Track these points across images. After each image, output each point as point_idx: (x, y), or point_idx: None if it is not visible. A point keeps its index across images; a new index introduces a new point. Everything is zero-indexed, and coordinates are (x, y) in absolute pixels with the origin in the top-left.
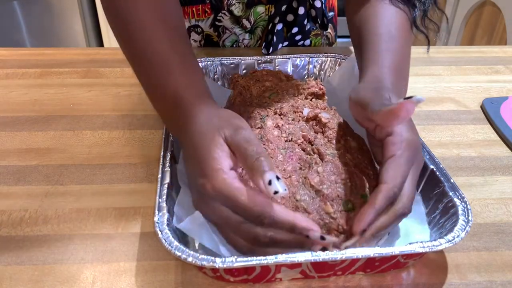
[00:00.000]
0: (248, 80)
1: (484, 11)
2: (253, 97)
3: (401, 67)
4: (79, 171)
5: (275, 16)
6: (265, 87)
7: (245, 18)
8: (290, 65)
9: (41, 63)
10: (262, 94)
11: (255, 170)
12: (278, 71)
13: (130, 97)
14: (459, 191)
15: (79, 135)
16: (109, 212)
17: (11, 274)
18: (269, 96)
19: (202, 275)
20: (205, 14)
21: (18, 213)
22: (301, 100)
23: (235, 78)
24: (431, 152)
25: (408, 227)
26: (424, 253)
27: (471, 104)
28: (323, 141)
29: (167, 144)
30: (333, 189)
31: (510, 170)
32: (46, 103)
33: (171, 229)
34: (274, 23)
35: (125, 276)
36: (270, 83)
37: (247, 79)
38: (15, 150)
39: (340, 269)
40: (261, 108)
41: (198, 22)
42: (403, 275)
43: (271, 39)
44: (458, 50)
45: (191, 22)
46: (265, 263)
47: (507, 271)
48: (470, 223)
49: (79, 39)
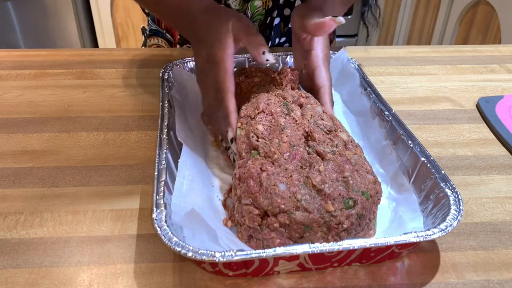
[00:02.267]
0: (238, 77)
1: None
2: (243, 93)
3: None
4: (74, 173)
5: (273, 10)
6: (254, 83)
7: (242, 12)
8: (281, 62)
9: (36, 65)
10: (251, 90)
11: (254, 43)
12: (267, 67)
13: (126, 98)
14: (450, 182)
15: (75, 136)
16: (105, 214)
17: (7, 278)
18: (256, 90)
19: (199, 276)
20: None
21: (13, 216)
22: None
23: None
24: (421, 144)
25: (402, 216)
26: (418, 242)
27: (467, 103)
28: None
29: (162, 143)
30: (334, 187)
31: (506, 169)
32: (41, 105)
33: (170, 226)
34: (272, 17)
35: (122, 278)
36: (259, 79)
37: (237, 76)
38: (10, 152)
39: (337, 261)
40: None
41: None
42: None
43: (269, 33)
44: (453, 49)
45: None
46: (264, 256)
47: (504, 270)
48: (462, 212)
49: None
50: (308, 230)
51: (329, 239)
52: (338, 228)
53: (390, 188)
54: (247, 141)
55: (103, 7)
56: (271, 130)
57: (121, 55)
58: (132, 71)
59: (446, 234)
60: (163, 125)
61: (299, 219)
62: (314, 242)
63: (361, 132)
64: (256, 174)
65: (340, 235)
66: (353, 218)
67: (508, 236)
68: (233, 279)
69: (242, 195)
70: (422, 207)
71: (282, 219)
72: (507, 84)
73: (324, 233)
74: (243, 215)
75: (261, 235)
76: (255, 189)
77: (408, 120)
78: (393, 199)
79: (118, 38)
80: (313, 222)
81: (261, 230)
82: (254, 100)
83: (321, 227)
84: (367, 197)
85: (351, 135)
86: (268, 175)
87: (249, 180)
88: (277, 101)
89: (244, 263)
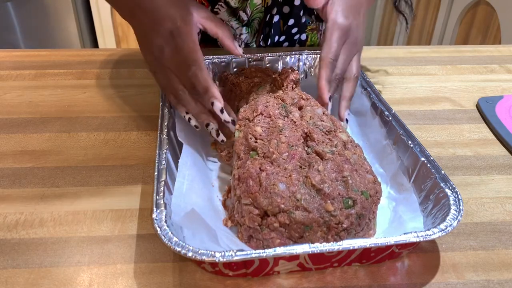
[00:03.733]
0: (238, 77)
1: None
2: (243, 93)
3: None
4: (75, 173)
5: (272, 7)
6: (254, 83)
7: (241, 9)
8: (281, 62)
9: (36, 65)
10: (251, 90)
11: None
12: (267, 67)
13: (126, 98)
14: (450, 182)
15: (75, 136)
16: (105, 214)
17: (7, 278)
18: (256, 91)
19: (199, 276)
20: None
21: (13, 216)
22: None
23: (224, 76)
24: (421, 144)
25: (402, 216)
26: (418, 242)
27: (467, 103)
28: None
29: (162, 143)
30: (334, 187)
31: (506, 169)
32: (41, 105)
33: (170, 226)
34: (272, 14)
35: (122, 278)
36: (259, 79)
37: (237, 76)
38: (10, 152)
39: (337, 261)
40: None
41: None
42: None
43: (268, 31)
44: (453, 49)
45: None
46: (264, 256)
47: (504, 270)
48: (462, 212)
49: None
50: (308, 229)
51: (329, 239)
52: (338, 228)
53: (390, 188)
54: (245, 143)
55: (103, 7)
56: (270, 131)
57: (121, 55)
58: (132, 71)
59: (446, 234)
60: (163, 125)
61: (299, 218)
62: (314, 242)
63: (361, 132)
64: (256, 174)
65: (340, 235)
66: (352, 217)
67: (508, 236)
68: (233, 279)
69: (242, 195)
70: (422, 207)
71: (282, 219)
72: (507, 84)
73: (324, 232)
74: (243, 215)
75: (261, 235)
76: (255, 189)
77: (408, 120)
78: (393, 199)
79: (118, 38)
80: (313, 222)
81: (261, 230)
82: (252, 103)
83: (321, 227)
84: (367, 197)
85: (351, 135)
86: (268, 175)
87: (248, 180)
88: (275, 103)
89: (244, 263)
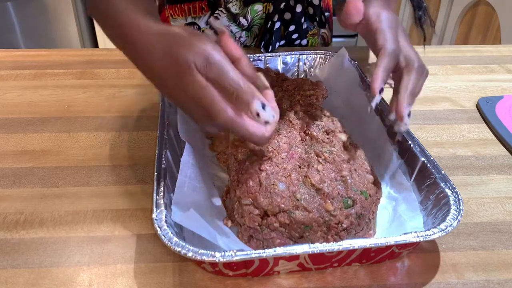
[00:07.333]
0: None
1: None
2: None
3: None
4: (74, 173)
5: (273, 14)
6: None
7: (242, 16)
8: (280, 62)
9: (36, 65)
10: None
11: (238, 104)
12: (267, 68)
13: (126, 98)
14: (450, 182)
15: (75, 136)
16: (105, 214)
17: (7, 278)
18: None
19: (199, 276)
20: (202, 11)
21: (13, 216)
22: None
23: None
24: (421, 144)
25: (402, 215)
26: (418, 242)
27: (467, 103)
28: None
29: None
30: (333, 187)
31: (506, 169)
32: (41, 105)
33: (170, 226)
34: (273, 21)
35: (122, 278)
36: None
37: None
38: (10, 152)
39: (337, 261)
40: None
41: (195, 20)
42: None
43: (269, 38)
44: (453, 49)
45: (188, 19)
46: (264, 256)
47: (504, 269)
48: (462, 212)
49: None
50: (308, 229)
51: (329, 239)
52: (338, 228)
53: (390, 187)
54: (242, 144)
55: None
56: None
57: (121, 55)
58: (132, 71)
59: (446, 234)
60: (163, 125)
61: (299, 218)
62: (314, 242)
63: (361, 132)
64: (255, 174)
65: (340, 235)
66: (352, 217)
67: (508, 236)
68: (233, 279)
69: (242, 196)
70: (422, 207)
71: (282, 219)
72: (507, 84)
73: (323, 232)
74: (243, 216)
75: (261, 235)
76: (255, 189)
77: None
78: (393, 198)
79: None
80: (313, 222)
81: (261, 230)
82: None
83: (321, 227)
84: (366, 197)
85: (350, 136)
86: (267, 175)
87: (248, 181)
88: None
89: (244, 263)
